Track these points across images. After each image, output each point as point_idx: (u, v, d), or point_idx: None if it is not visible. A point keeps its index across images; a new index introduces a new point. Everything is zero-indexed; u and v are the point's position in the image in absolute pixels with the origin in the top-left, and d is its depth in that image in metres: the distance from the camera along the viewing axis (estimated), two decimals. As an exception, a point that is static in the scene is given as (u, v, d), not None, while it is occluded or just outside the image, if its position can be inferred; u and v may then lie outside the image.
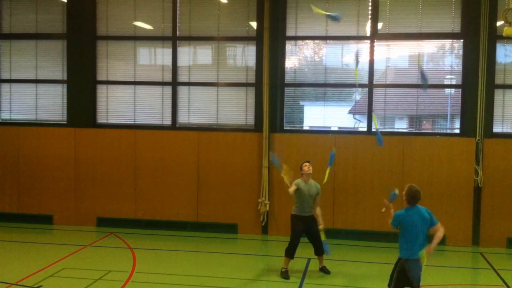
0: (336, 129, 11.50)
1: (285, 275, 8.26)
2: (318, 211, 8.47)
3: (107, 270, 8.54)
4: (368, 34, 10.97)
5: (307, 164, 8.44)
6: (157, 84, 11.72)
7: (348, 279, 8.43)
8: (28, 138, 11.80)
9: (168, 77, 11.67)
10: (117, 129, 11.66)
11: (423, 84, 7.84)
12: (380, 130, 11.03)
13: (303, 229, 8.28)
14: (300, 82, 11.44)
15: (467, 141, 10.52)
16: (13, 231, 11.28)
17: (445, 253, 10.24)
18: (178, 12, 11.52)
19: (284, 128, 11.44)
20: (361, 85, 11.15)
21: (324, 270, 8.52)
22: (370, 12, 10.92)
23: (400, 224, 6.34)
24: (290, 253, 8.26)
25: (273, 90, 11.08)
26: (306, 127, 11.74)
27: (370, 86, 11.01)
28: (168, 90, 11.68)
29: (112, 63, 11.89)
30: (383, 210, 6.67)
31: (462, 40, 10.77)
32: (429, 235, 6.36)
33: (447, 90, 11.29)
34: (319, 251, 8.45)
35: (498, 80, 10.63)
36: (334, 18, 7.77)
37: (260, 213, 11.01)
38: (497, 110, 10.66)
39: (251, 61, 11.35)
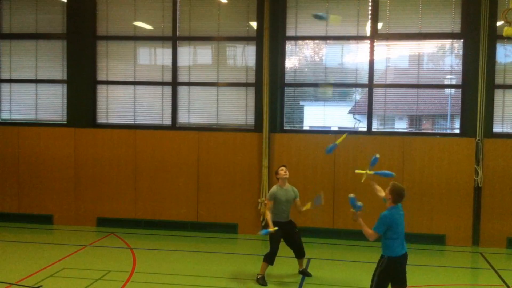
0: (336, 129, 11.50)
1: (261, 281, 8.05)
2: (302, 209, 8.22)
3: (107, 270, 8.54)
4: (368, 34, 10.98)
5: (283, 168, 8.35)
6: (157, 84, 11.72)
7: (348, 279, 8.43)
8: (28, 138, 11.80)
9: (168, 77, 11.66)
10: (117, 129, 11.65)
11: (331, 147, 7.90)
12: (380, 130, 11.11)
13: (281, 234, 8.19)
14: (300, 82, 11.44)
15: (467, 141, 10.51)
16: (13, 231, 11.27)
17: (445, 253, 10.25)
18: (178, 12, 11.52)
19: (284, 128, 11.44)
20: (361, 85, 11.18)
21: (305, 273, 8.46)
22: (370, 12, 10.92)
23: (387, 226, 6.13)
24: (270, 259, 8.10)
25: (273, 90, 11.07)
26: (306, 127, 11.73)
27: (370, 86, 11.01)
28: (168, 90, 11.68)
29: (112, 63, 11.88)
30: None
31: (462, 40, 10.77)
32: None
33: (447, 90, 11.29)
34: (299, 255, 8.41)
35: (498, 80, 10.63)
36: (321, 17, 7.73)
37: (260, 213, 10.99)
38: (497, 110, 10.66)
39: (251, 61, 11.35)
